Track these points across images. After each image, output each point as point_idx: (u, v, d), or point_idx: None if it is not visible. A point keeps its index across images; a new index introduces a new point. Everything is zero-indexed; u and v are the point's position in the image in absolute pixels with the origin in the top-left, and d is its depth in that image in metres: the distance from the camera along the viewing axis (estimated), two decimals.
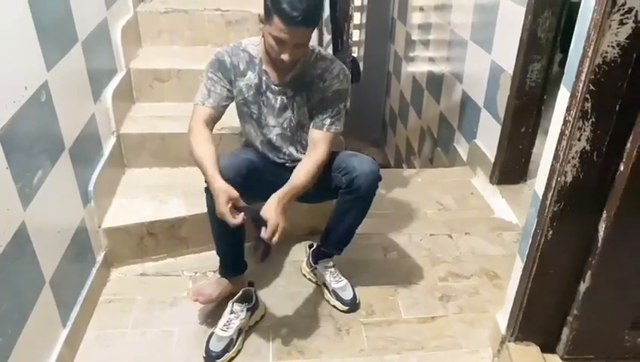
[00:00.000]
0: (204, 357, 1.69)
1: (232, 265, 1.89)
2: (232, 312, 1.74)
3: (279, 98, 1.74)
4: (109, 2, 2.18)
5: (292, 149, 1.83)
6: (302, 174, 1.66)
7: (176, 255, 2.12)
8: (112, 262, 2.03)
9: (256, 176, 1.74)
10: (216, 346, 1.70)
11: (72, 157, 1.73)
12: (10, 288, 1.34)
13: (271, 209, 1.53)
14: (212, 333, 1.73)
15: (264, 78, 1.71)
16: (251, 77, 1.72)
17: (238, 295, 1.79)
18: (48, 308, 1.56)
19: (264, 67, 1.70)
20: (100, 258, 1.95)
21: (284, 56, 1.57)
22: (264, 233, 1.53)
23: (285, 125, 1.78)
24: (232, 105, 1.78)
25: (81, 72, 1.87)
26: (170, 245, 2.09)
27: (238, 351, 1.73)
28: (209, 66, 1.73)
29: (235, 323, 1.72)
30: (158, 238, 2.06)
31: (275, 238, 1.52)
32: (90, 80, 1.94)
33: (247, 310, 1.76)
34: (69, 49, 1.76)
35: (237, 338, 1.73)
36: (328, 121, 1.73)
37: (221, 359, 1.69)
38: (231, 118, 1.82)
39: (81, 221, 1.81)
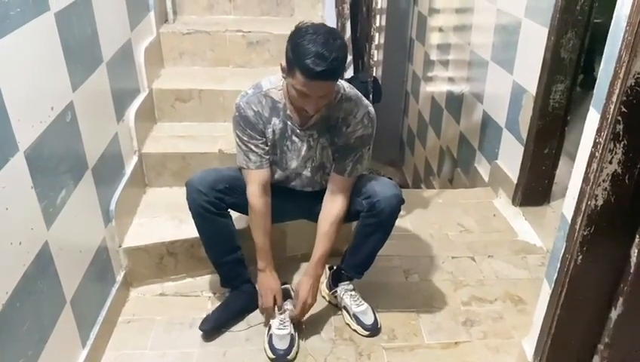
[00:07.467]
0: (273, 359, 1.74)
1: (235, 274, 1.90)
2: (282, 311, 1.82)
3: (304, 141, 1.71)
4: (133, 23, 2.22)
5: (306, 188, 1.83)
6: (323, 241, 1.75)
7: (196, 275, 2.11)
8: (131, 281, 2.03)
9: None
10: (280, 344, 1.75)
11: (94, 177, 1.74)
12: (32, 308, 1.33)
13: (304, 289, 1.75)
14: (270, 336, 1.78)
15: (289, 123, 1.68)
16: (276, 122, 1.68)
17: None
18: (68, 328, 1.55)
19: (288, 112, 1.67)
20: (119, 277, 1.95)
21: (309, 108, 1.56)
22: (291, 308, 1.80)
23: (308, 166, 1.76)
24: None
25: (105, 92, 1.89)
26: (190, 265, 2.08)
27: (299, 345, 1.79)
28: (235, 125, 1.70)
29: (289, 319, 1.80)
30: (177, 258, 2.06)
31: (305, 317, 1.80)
32: (113, 100, 1.95)
33: (293, 305, 1.84)
34: (95, 69, 1.78)
35: (296, 333, 1.80)
36: (350, 166, 1.71)
37: (290, 355, 1.74)
38: None
39: (102, 240, 1.81)
